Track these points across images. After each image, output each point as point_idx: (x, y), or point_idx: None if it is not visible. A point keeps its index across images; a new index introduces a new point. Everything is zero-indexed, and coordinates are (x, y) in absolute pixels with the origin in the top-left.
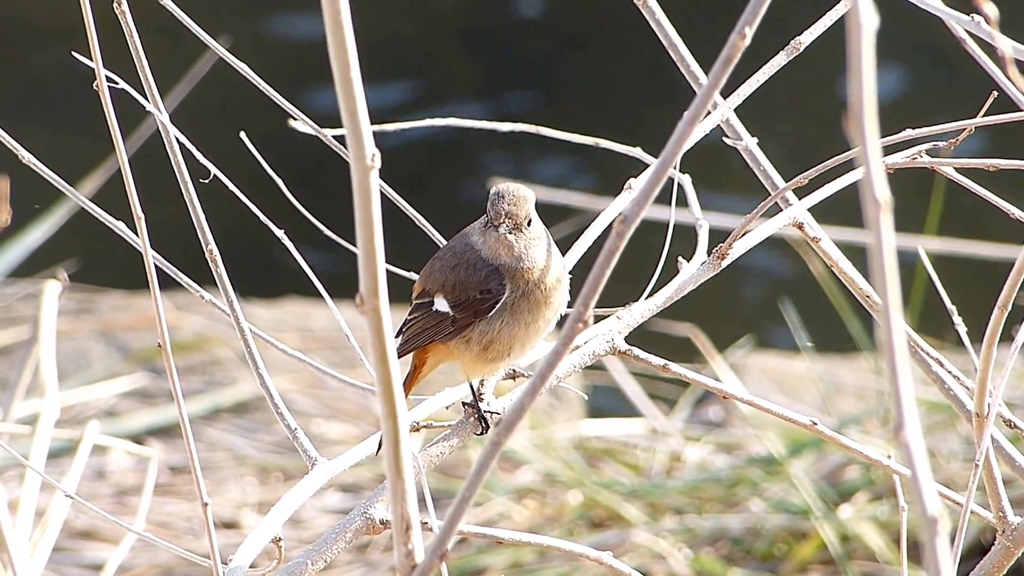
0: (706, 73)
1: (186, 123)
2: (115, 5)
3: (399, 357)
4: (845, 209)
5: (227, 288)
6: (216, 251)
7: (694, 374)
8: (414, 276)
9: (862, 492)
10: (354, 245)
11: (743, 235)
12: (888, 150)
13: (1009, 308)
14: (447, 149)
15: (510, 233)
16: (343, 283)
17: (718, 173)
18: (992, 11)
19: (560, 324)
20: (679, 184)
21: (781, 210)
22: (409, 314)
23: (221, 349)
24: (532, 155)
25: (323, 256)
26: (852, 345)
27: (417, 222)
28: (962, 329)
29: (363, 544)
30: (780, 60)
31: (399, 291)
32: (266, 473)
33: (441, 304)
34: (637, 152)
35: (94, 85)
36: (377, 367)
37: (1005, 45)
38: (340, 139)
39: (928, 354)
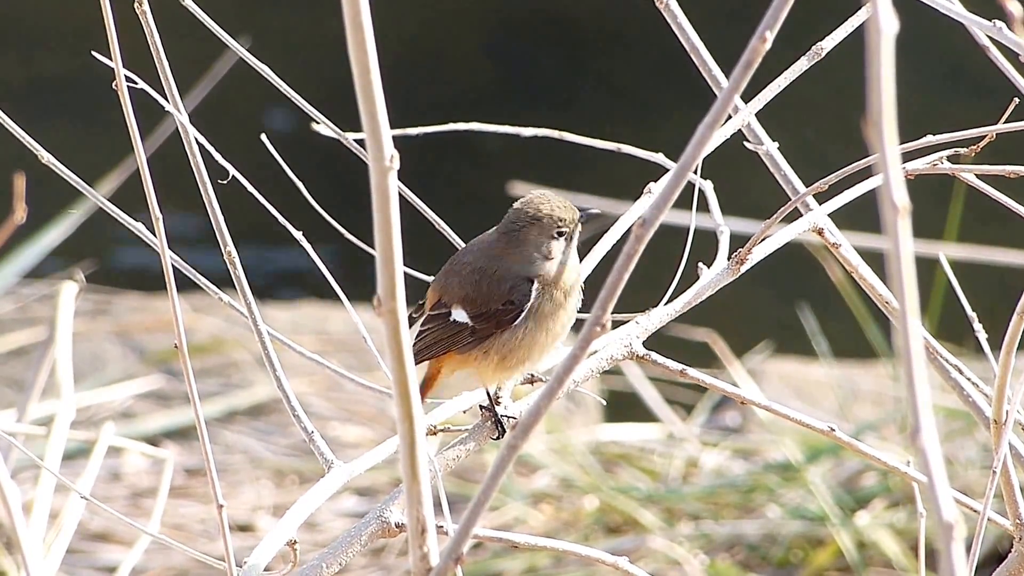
0: (727, 76)
1: (206, 123)
2: (135, 4)
3: (416, 363)
4: (866, 215)
5: (245, 290)
6: (234, 252)
7: (712, 379)
8: (430, 279)
9: (879, 499)
10: (372, 247)
11: (762, 240)
12: (909, 156)
13: None
14: (466, 152)
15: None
16: (361, 285)
17: (735, 172)
18: (1016, 9)
19: (577, 328)
20: (700, 189)
21: (801, 215)
22: (423, 324)
23: (238, 351)
24: (552, 158)
25: (341, 258)
26: (870, 351)
27: (437, 225)
28: (981, 335)
29: (378, 547)
30: (802, 65)
31: (417, 293)
32: (282, 476)
33: (460, 315)
34: (659, 158)
35: (113, 84)
36: (394, 370)
37: None
38: (362, 142)
39: (946, 360)
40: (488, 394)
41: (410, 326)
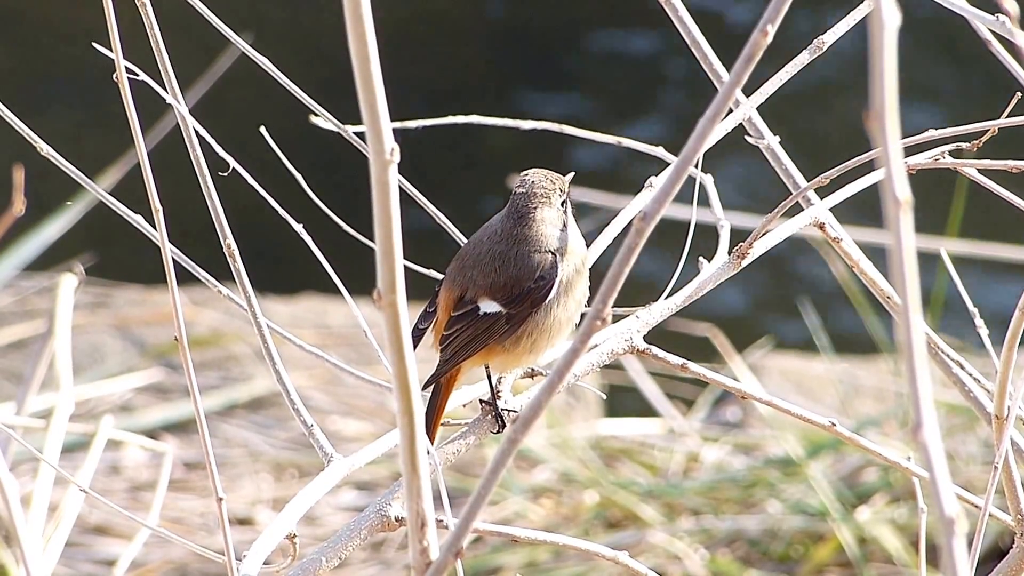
0: (728, 70)
1: (207, 117)
2: None
3: (447, 371)
4: (867, 209)
5: (244, 283)
6: (234, 245)
7: (712, 374)
8: (429, 272)
9: (880, 494)
10: (372, 240)
11: (764, 234)
12: (911, 151)
13: None
14: (465, 145)
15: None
16: (361, 279)
17: (736, 167)
18: (1013, 8)
19: (578, 323)
20: (701, 183)
21: (802, 209)
22: (447, 328)
23: (237, 345)
24: (552, 151)
25: (341, 252)
26: (872, 346)
27: (437, 219)
28: (983, 331)
29: (378, 541)
30: (803, 59)
31: (416, 287)
32: (281, 469)
33: (490, 306)
34: (660, 151)
35: (114, 77)
36: (394, 363)
37: None
38: (363, 136)
39: (948, 356)
40: (491, 387)
41: (421, 336)
